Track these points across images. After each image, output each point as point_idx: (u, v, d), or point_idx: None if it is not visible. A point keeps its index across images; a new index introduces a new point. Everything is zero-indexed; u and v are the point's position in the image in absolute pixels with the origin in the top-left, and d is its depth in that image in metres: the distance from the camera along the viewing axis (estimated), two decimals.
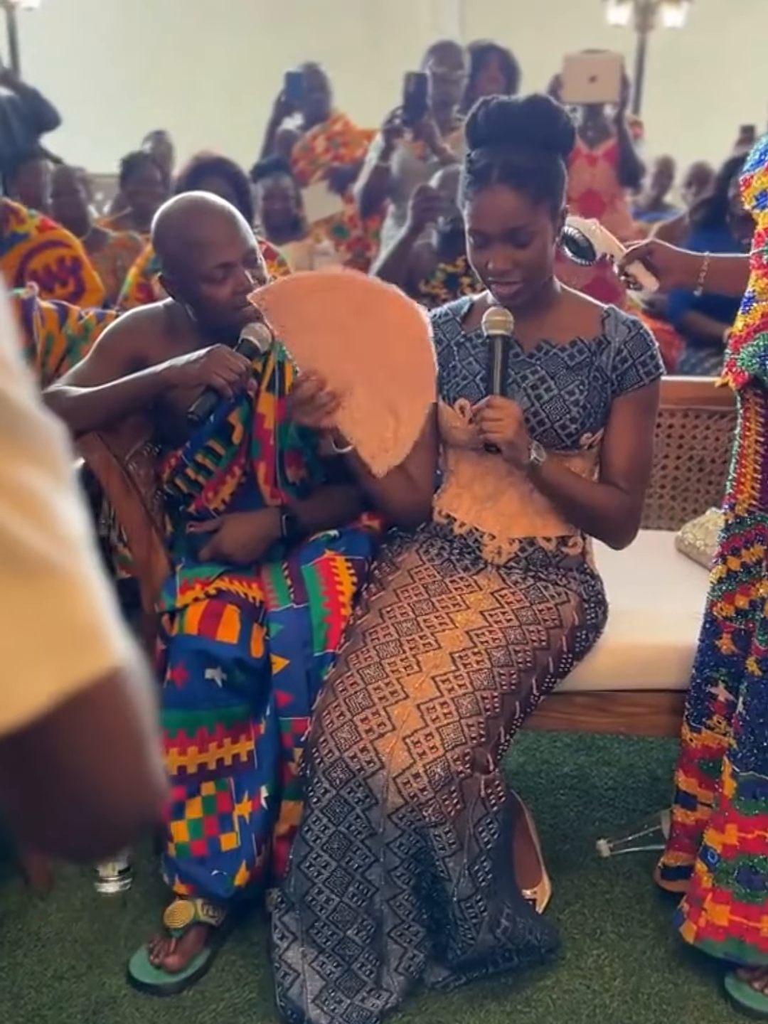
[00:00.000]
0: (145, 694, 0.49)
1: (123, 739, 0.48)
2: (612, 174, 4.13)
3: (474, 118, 1.80)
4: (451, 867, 1.68)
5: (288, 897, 1.78)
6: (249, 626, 1.90)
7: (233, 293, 1.91)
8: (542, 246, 1.77)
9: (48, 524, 0.43)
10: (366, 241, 4.40)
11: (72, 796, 0.47)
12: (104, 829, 0.50)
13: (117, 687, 0.46)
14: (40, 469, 0.44)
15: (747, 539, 1.78)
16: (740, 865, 1.78)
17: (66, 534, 0.44)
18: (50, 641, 0.43)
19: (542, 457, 1.79)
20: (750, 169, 1.72)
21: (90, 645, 0.45)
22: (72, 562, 0.44)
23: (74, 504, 0.46)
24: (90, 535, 0.47)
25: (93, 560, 0.46)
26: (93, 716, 0.45)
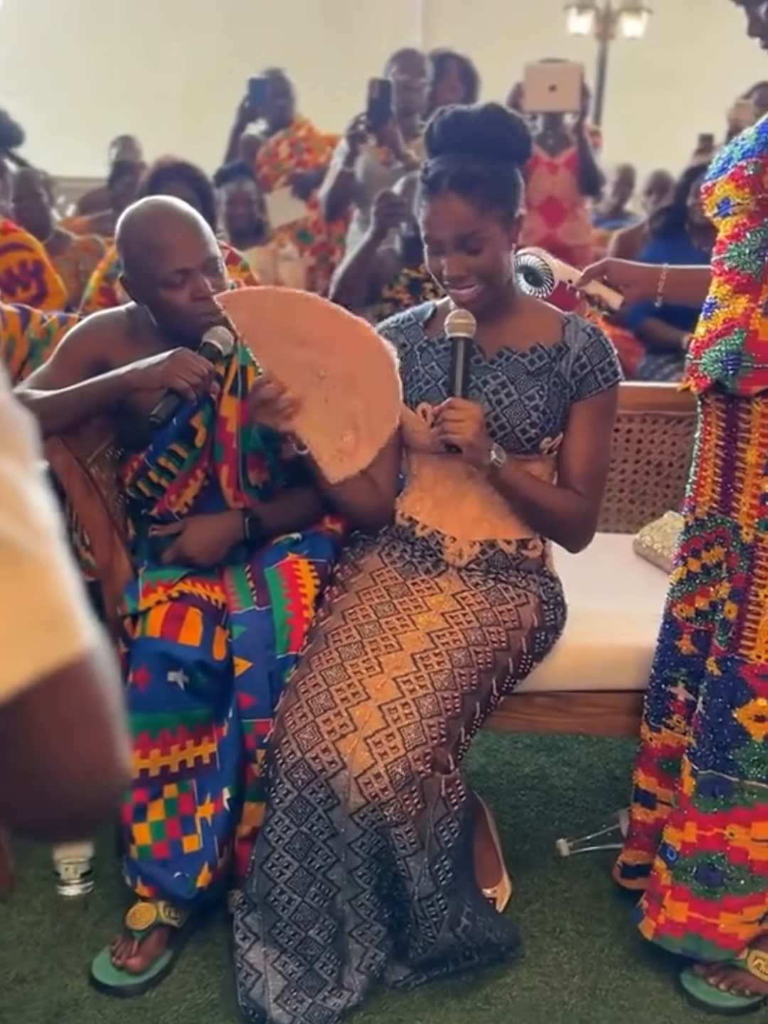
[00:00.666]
0: (112, 679, 0.50)
1: (91, 720, 0.49)
2: (573, 182, 4.19)
3: (431, 128, 1.83)
4: (412, 866, 1.69)
5: (250, 898, 1.79)
6: (212, 629, 1.91)
7: (191, 299, 1.92)
8: (494, 252, 1.80)
9: (20, 512, 0.44)
10: (330, 246, 4.41)
11: (40, 775, 0.48)
12: (71, 808, 0.51)
13: (87, 670, 0.47)
14: (11, 458, 0.45)
15: (707, 541, 1.81)
16: (699, 862, 1.81)
17: (37, 521, 0.45)
18: (25, 624, 0.44)
19: (502, 459, 1.81)
20: (712, 177, 1.75)
21: (62, 629, 0.46)
22: (43, 549, 0.45)
23: (43, 493, 0.47)
24: (58, 524, 0.48)
25: (62, 548, 0.47)
26: (64, 697, 0.47)
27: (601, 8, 7.70)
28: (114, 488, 2.09)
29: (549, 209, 4.18)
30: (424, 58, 4.01)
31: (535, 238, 4.05)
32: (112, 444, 2.11)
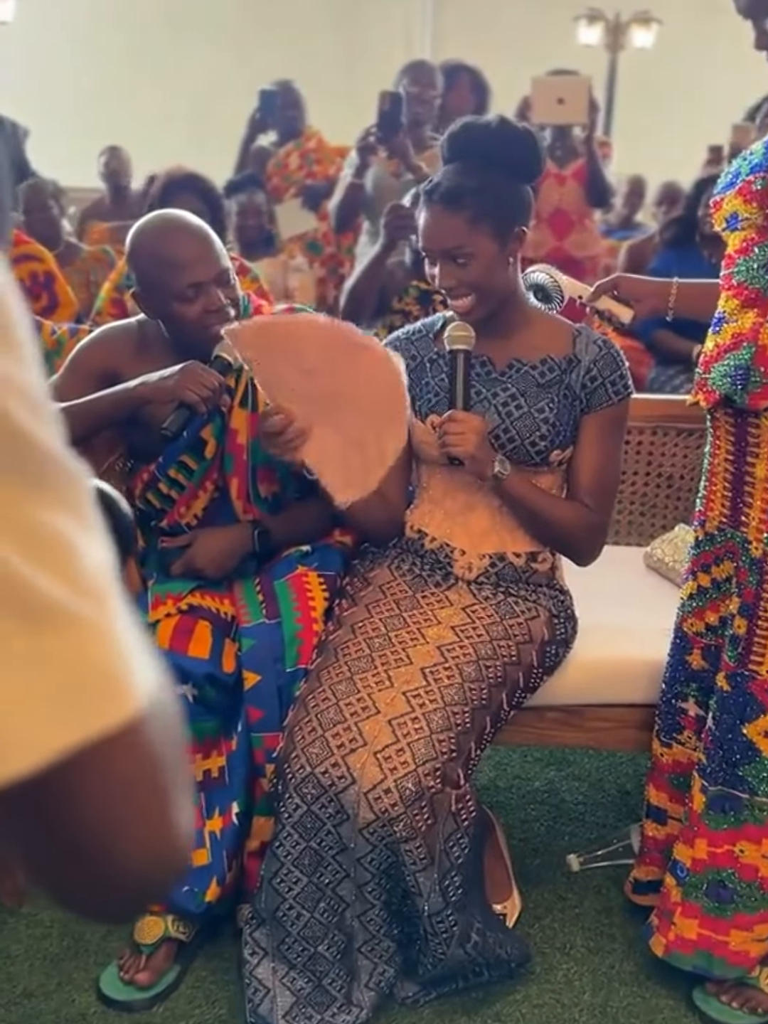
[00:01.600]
0: (174, 742, 0.47)
1: (141, 794, 0.45)
2: (581, 194, 4.18)
3: (446, 138, 1.83)
4: (422, 882, 1.68)
5: (259, 913, 1.78)
6: (221, 641, 1.91)
7: (204, 312, 1.92)
8: (484, 267, 1.80)
9: (68, 570, 0.42)
10: (339, 258, 4.42)
11: (89, 850, 0.45)
12: (120, 889, 0.47)
13: (136, 739, 0.43)
14: (63, 512, 0.43)
15: (717, 556, 1.80)
16: (709, 879, 1.80)
17: (88, 579, 0.43)
18: (63, 691, 0.41)
19: (506, 470, 1.81)
20: (721, 191, 1.75)
21: (107, 695, 0.42)
22: (92, 608, 0.42)
23: (99, 546, 0.44)
24: (116, 580, 0.45)
25: (120, 603, 0.44)
26: (108, 769, 0.43)
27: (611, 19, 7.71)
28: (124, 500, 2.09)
29: (557, 221, 4.18)
30: (435, 70, 4.00)
31: (543, 250, 4.04)
32: (122, 456, 2.11)
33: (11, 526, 0.41)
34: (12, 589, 0.40)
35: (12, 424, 0.41)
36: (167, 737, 0.46)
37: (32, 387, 0.43)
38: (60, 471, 0.43)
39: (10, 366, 0.41)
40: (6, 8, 6.70)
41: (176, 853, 0.47)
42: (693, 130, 6.46)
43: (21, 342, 0.43)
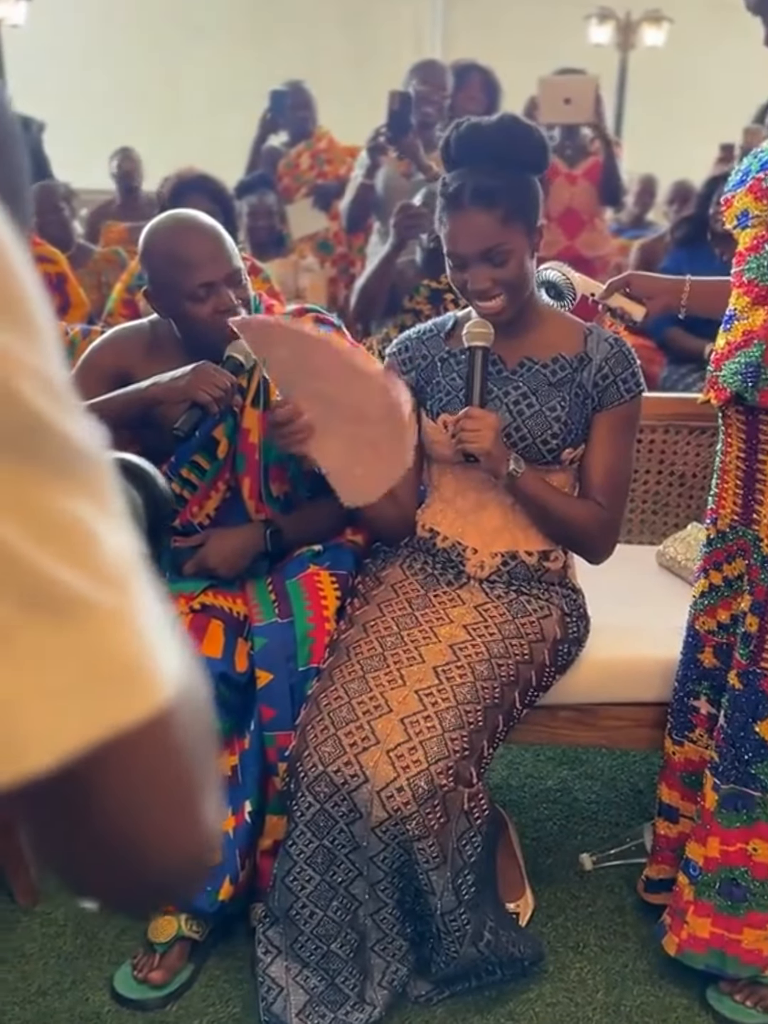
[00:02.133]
0: (202, 732, 0.46)
1: (167, 787, 0.44)
2: (592, 193, 4.18)
3: (447, 141, 1.83)
4: (434, 880, 1.68)
5: (272, 911, 1.78)
6: (233, 641, 1.91)
7: (215, 312, 1.92)
8: (519, 263, 1.80)
9: (86, 557, 0.41)
10: (351, 257, 4.42)
11: (110, 848, 0.44)
12: (145, 883, 0.46)
13: (162, 731, 0.42)
14: (83, 498, 0.41)
15: (729, 553, 1.80)
16: (721, 878, 1.80)
17: (108, 566, 0.41)
18: (83, 684, 0.40)
19: (520, 468, 1.81)
20: (731, 189, 1.75)
21: (130, 687, 0.41)
22: (115, 597, 0.41)
23: (123, 533, 0.43)
24: (142, 566, 0.44)
25: (145, 591, 0.43)
26: (132, 763, 0.42)
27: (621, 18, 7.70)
28: None
29: (568, 220, 4.17)
30: (445, 69, 4.00)
31: (554, 250, 4.04)
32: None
33: (23, 511, 0.39)
34: (24, 577, 0.39)
35: (26, 406, 0.39)
36: (195, 727, 0.45)
37: (50, 372, 0.41)
38: (80, 457, 0.42)
39: (23, 348, 0.40)
40: (18, 10, 6.72)
41: (203, 846, 0.46)
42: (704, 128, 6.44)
43: (38, 328, 0.41)
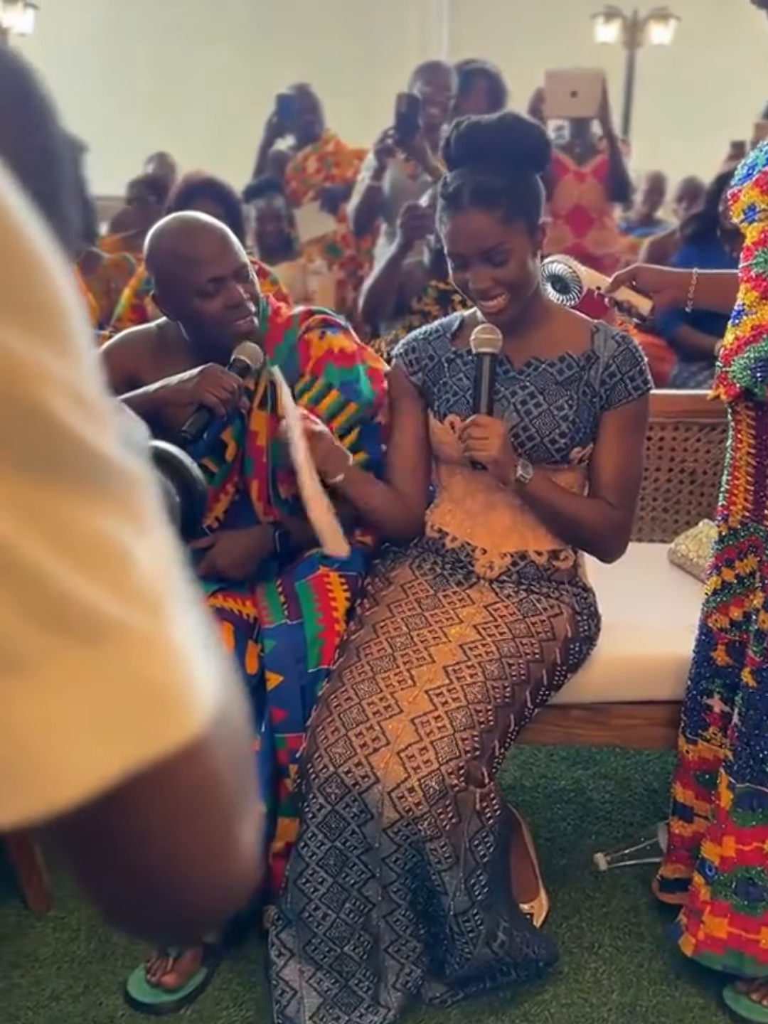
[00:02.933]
0: (239, 755, 0.44)
1: (204, 814, 0.43)
2: (600, 190, 4.16)
3: (448, 140, 1.82)
4: (447, 881, 1.68)
5: (285, 914, 1.78)
6: (243, 643, 1.91)
7: (224, 307, 1.92)
8: (520, 263, 1.79)
9: (120, 579, 0.39)
10: (359, 260, 4.42)
11: (143, 878, 0.43)
12: (180, 912, 0.45)
13: (198, 757, 0.41)
14: (114, 514, 0.40)
15: (740, 550, 1.79)
16: (738, 877, 1.78)
17: (143, 587, 0.40)
18: (116, 711, 0.38)
19: (528, 474, 1.80)
20: (738, 183, 1.74)
21: (165, 713, 0.40)
22: (148, 619, 0.39)
23: (159, 549, 0.41)
24: (179, 583, 0.43)
25: (182, 609, 0.41)
26: (167, 791, 0.41)
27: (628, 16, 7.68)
28: None
29: (576, 218, 4.16)
30: (449, 71, 3.99)
31: (562, 247, 4.02)
32: None
33: (51, 530, 0.37)
34: (53, 600, 0.37)
35: (55, 422, 0.38)
36: (232, 752, 0.43)
37: (82, 383, 0.39)
38: (113, 472, 0.40)
39: (54, 361, 0.38)
40: (26, 19, 6.75)
41: (239, 874, 0.44)
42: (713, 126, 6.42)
43: (71, 340, 0.40)
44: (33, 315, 0.38)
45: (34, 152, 0.48)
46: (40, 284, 0.39)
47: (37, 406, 0.37)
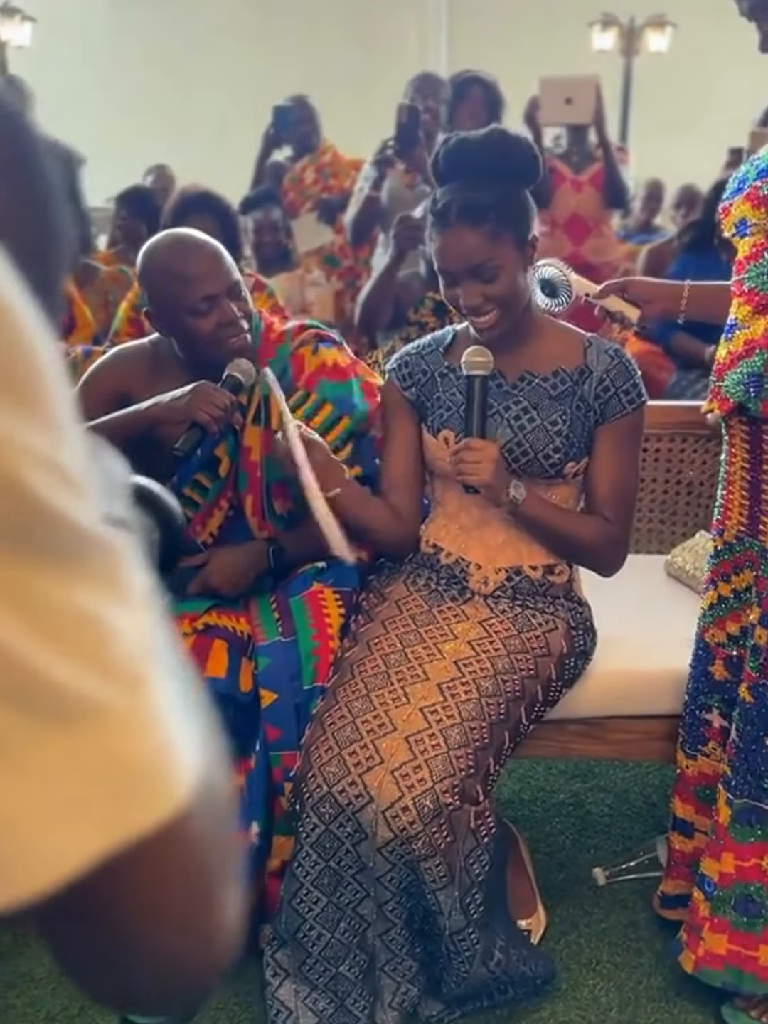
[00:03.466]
0: (222, 829, 0.44)
1: (185, 889, 0.42)
2: (598, 199, 4.16)
3: (436, 156, 1.82)
4: (442, 900, 1.67)
5: (280, 934, 1.77)
6: (237, 660, 1.90)
7: (218, 325, 1.92)
8: (510, 278, 1.78)
9: (96, 655, 0.38)
10: (357, 270, 4.42)
11: (122, 956, 0.42)
12: (165, 988, 0.44)
13: (178, 833, 0.40)
14: (95, 589, 0.39)
15: (736, 565, 1.78)
16: (737, 894, 1.77)
17: (121, 661, 0.39)
18: (94, 794, 0.38)
19: (521, 496, 1.79)
20: (729, 197, 1.73)
21: (144, 791, 0.39)
22: (126, 695, 0.39)
23: (140, 617, 0.41)
24: (165, 643, 0.42)
25: (163, 678, 0.41)
26: (148, 869, 0.40)
27: (625, 24, 7.68)
28: None
29: (574, 227, 4.16)
30: (440, 82, 4.00)
31: (560, 256, 3.98)
32: None
33: (24, 607, 0.37)
34: (25, 681, 0.36)
35: (28, 496, 0.37)
36: (214, 823, 0.42)
37: (61, 454, 0.39)
38: (90, 543, 0.39)
39: (28, 431, 0.37)
40: (23, 32, 6.77)
41: (223, 946, 0.43)
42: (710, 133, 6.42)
43: (46, 406, 0.39)
44: (12, 390, 0.37)
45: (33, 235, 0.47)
46: (21, 358, 0.38)
47: (13, 481, 0.37)
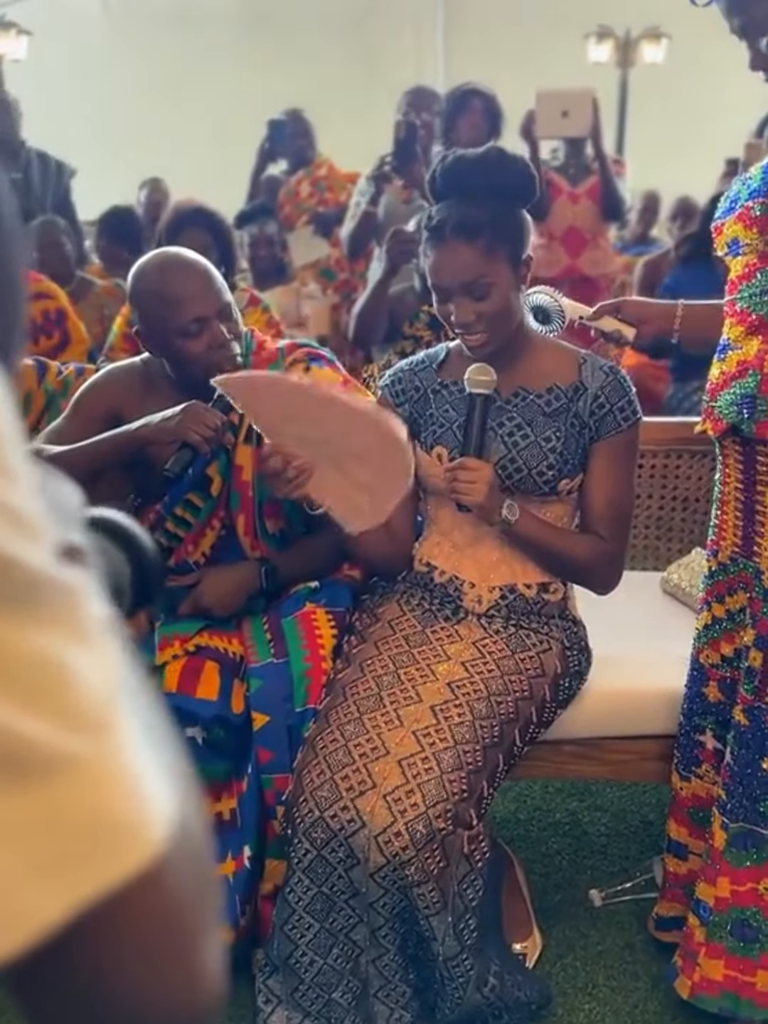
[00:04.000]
0: (199, 873, 0.42)
1: (162, 942, 0.40)
2: (595, 211, 4.16)
3: (433, 174, 1.81)
4: (436, 926, 1.65)
5: (272, 960, 1.75)
6: (229, 682, 1.89)
7: (208, 347, 1.91)
8: (502, 296, 1.77)
9: (60, 703, 0.37)
10: (353, 283, 4.41)
11: (106, 1014, 0.40)
12: None
13: (152, 882, 0.39)
14: (54, 631, 0.38)
15: (730, 586, 1.77)
16: (733, 918, 1.75)
17: (85, 706, 0.38)
18: (61, 850, 0.37)
19: (513, 516, 1.78)
20: (721, 217, 1.72)
21: (115, 843, 0.38)
22: (92, 743, 0.37)
23: (103, 657, 0.39)
24: (131, 677, 0.41)
25: (130, 720, 0.39)
26: (122, 922, 0.38)
27: (620, 36, 7.69)
28: None
29: (571, 239, 4.15)
30: (434, 95, 4.00)
31: (557, 268, 4.02)
32: (130, 494, 2.11)
33: None
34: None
35: None
36: (191, 869, 0.41)
37: (12, 494, 0.38)
38: (47, 585, 0.38)
39: None
40: (20, 46, 6.78)
41: (205, 997, 0.42)
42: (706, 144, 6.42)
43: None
44: None
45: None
46: None
47: None
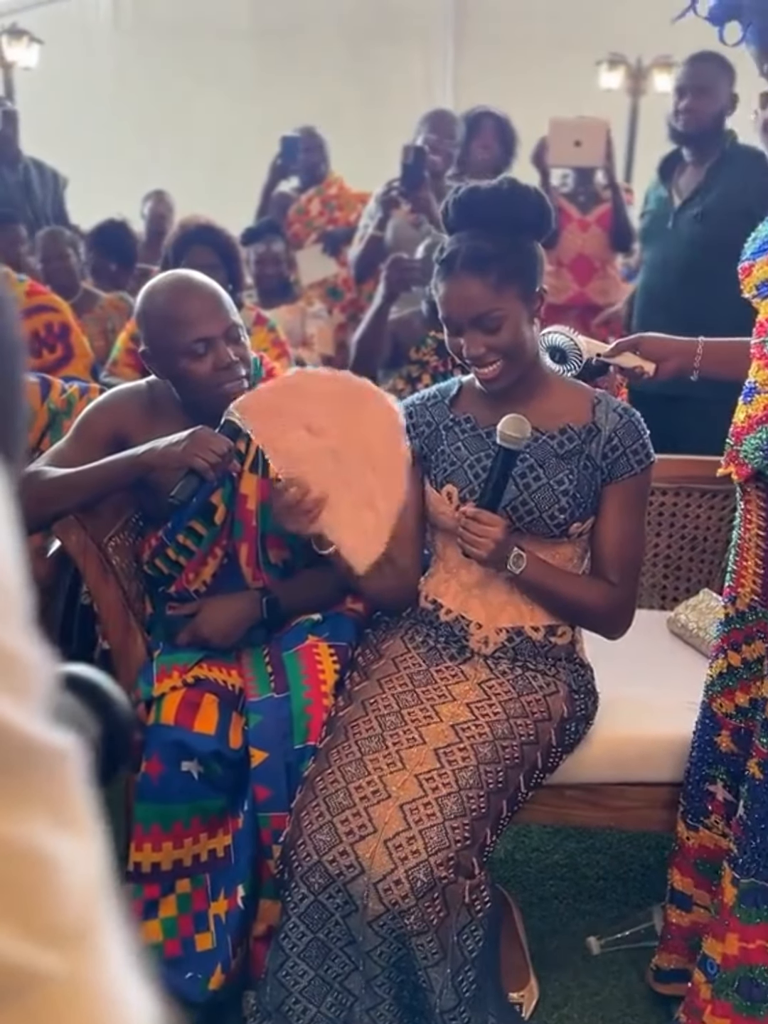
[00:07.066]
0: None
1: None
2: (604, 239, 4.13)
3: (446, 206, 1.78)
4: (434, 977, 1.60)
5: (264, 1006, 1.70)
6: (228, 716, 1.84)
7: (214, 369, 1.88)
8: (514, 330, 1.74)
9: (37, 912, 0.34)
10: (360, 303, 4.38)
11: None
12: None
13: None
14: (40, 813, 0.35)
15: (748, 635, 1.72)
16: (740, 976, 1.70)
17: (65, 913, 0.34)
18: None
19: (520, 567, 1.75)
20: (751, 258, 1.69)
21: None
22: (70, 958, 0.34)
23: (85, 843, 0.36)
24: (104, 863, 0.37)
25: (109, 925, 0.36)
26: None
27: (632, 64, 7.67)
28: (131, 566, 2.04)
29: (579, 267, 4.13)
30: (455, 119, 3.98)
31: (565, 296, 4.00)
32: (133, 517, 2.07)
33: None
34: None
35: None
36: None
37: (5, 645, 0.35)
38: (38, 755, 0.35)
39: None
40: (30, 54, 6.74)
41: None
42: None
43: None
44: None
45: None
46: None
47: None
